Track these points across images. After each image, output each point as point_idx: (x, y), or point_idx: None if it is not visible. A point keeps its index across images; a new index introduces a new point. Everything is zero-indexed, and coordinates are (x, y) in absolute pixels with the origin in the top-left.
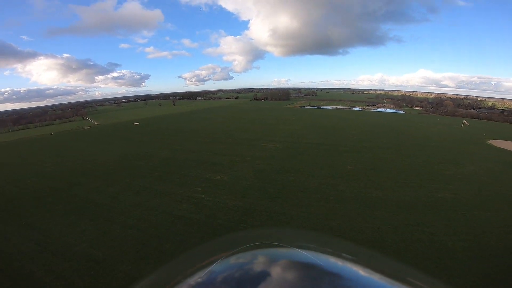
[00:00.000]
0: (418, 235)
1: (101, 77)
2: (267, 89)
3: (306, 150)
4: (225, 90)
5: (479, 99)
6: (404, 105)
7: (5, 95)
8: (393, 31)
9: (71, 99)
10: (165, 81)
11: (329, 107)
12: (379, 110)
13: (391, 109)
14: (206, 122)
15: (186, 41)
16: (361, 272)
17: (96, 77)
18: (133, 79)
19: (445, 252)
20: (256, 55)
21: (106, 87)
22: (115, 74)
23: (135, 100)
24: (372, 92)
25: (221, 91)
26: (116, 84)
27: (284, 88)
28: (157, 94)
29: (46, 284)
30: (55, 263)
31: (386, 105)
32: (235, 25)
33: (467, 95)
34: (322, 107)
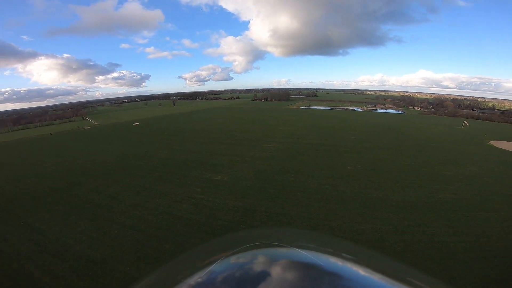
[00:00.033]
0: (419, 235)
1: (101, 77)
2: (267, 89)
3: (306, 151)
4: (225, 91)
5: (479, 99)
6: (404, 106)
7: (5, 95)
8: (393, 31)
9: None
10: (165, 81)
11: (329, 108)
12: (379, 110)
13: (391, 109)
14: (206, 123)
15: (186, 42)
16: (361, 272)
17: (96, 77)
18: (133, 79)
19: (446, 253)
20: (256, 55)
21: (106, 87)
22: (115, 75)
23: (135, 101)
24: (372, 92)
25: (221, 91)
26: (117, 84)
27: (284, 89)
28: (157, 94)
29: (45, 285)
30: (54, 264)
31: (386, 105)
32: (235, 25)
33: (467, 96)
34: (322, 107)
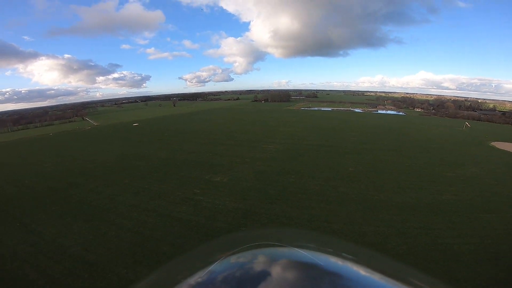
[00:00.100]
0: (422, 238)
1: (102, 78)
2: (268, 90)
3: (307, 152)
4: (226, 92)
5: (479, 101)
6: (405, 107)
7: (6, 95)
8: (394, 32)
9: (72, 99)
10: (166, 82)
11: (329, 109)
12: (380, 111)
13: (392, 110)
14: (206, 123)
15: (187, 42)
16: (361, 271)
17: (97, 77)
18: (134, 80)
19: (450, 255)
20: (257, 56)
21: (107, 88)
22: (116, 75)
23: (135, 101)
24: (372, 93)
25: (222, 92)
26: (117, 85)
27: (284, 90)
28: (157, 95)
29: (40, 287)
30: (49, 266)
31: (386, 106)
32: (236, 26)
33: (467, 97)
34: (322, 108)
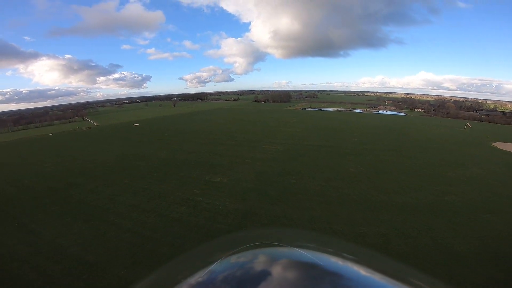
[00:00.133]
0: (424, 239)
1: (102, 78)
2: (268, 91)
3: (307, 152)
4: (226, 92)
5: (480, 101)
6: (406, 107)
7: (7, 96)
8: (394, 33)
9: (72, 100)
10: (166, 82)
11: (330, 109)
12: (381, 112)
13: (393, 111)
14: (207, 124)
15: (187, 43)
16: (362, 271)
17: (97, 78)
18: (134, 80)
19: (451, 255)
20: (257, 57)
21: (107, 88)
22: (116, 75)
23: (136, 102)
24: (373, 94)
25: (222, 93)
26: (118, 85)
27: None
28: (158, 95)
29: (39, 287)
30: (47, 266)
31: (387, 107)
32: (236, 27)
33: (468, 98)
34: (323, 109)
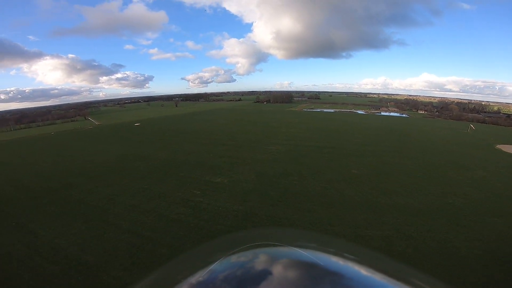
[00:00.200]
0: (429, 242)
1: (105, 78)
2: (270, 91)
3: (309, 153)
4: (228, 92)
5: (483, 103)
6: (408, 109)
7: (10, 95)
8: (397, 34)
9: (75, 99)
10: (169, 82)
11: (332, 110)
12: (383, 113)
13: (395, 112)
14: (208, 124)
15: (189, 43)
16: (362, 271)
17: (100, 77)
18: (136, 80)
19: (457, 259)
20: (259, 57)
21: (110, 88)
22: (119, 75)
23: (138, 101)
24: (375, 95)
25: (224, 93)
26: (120, 85)
27: (286, 91)
28: (160, 95)
29: None
30: (44, 267)
31: (390, 108)
32: (238, 27)
33: (471, 100)
34: (325, 110)
